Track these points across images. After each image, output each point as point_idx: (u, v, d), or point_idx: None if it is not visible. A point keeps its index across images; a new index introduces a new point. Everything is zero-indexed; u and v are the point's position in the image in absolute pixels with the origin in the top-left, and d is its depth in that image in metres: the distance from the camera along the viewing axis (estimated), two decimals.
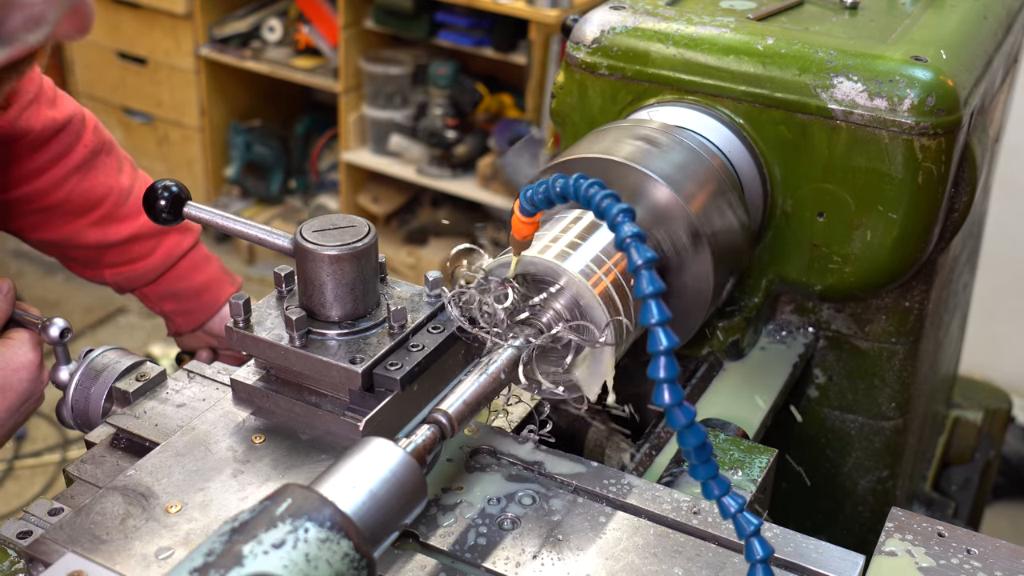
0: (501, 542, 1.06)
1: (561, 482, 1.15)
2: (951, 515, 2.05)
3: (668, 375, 0.89)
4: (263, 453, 1.12)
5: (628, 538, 1.07)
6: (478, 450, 1.19)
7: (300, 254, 1.12)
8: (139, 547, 1.00)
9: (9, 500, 3.79)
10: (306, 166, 5.27)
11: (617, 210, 0.93)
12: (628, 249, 0.91)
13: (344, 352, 1.11)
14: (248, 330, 1.14)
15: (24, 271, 5.07)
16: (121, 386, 1.27)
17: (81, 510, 1.04)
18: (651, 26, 1.46)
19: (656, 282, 0.89)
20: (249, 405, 1.19)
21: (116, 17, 5.07)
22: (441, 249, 4.82)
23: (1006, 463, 3.72)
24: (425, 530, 1.07)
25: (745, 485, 1.20)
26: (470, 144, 4.56)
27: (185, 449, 1.13)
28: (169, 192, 1.20)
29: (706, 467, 0.93)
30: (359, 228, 1.14)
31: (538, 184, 1.03)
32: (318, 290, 1.12)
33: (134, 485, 1.07)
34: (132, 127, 5.34)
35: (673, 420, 0.91)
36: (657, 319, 0.89)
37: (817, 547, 1.06)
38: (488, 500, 1.12)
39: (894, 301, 1.52)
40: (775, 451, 1.25)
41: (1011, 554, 1.07)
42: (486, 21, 4.34)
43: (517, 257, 1.18)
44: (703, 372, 1.47)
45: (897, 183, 1.36)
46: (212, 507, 1.05)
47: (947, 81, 1.33)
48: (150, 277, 1.74)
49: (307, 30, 4.82)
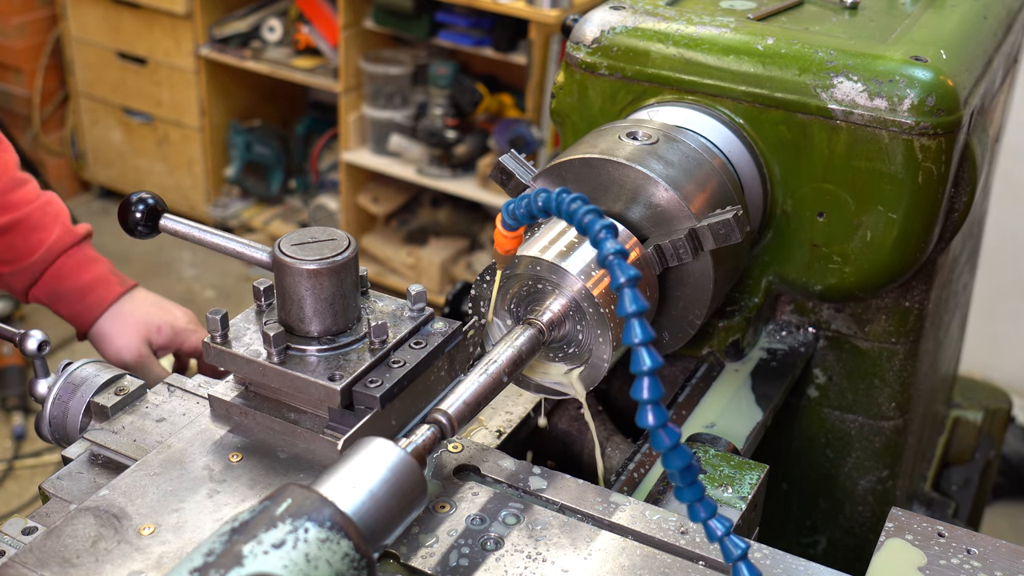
0: (484, 563, 1.03)
1: (546, 500, 1.13)
2: (951, 515, 2.05)
3: (652, 396, 0.86)
4: (240, 472, 1.09)
5: (614, 559, 1.04)
6: (462, 467, 1.17)
7: (278, 268, 1.09)
8: (110, 571, 0.97)
9: (9, 500, 3.79)
10: (306, 166, 5.27)
11: (599, 226, 0.91)
12: (611, 267, 0.88)
13: (323, 369, 1.08)
14: (225, 345, 1.11)
15: None
16: (99, 400, 1.23)
17: (52, 532, 1.01)
18: (651, 26, 1.46)
19: (639, 300, 0.87)
20: (227, 422, 1.16)
21: (116, 17, 5.07)
22: (441, 249, 4.82)
23: (1006, 463, 3.71)
24: (407, 551, 1.04)
25: (735, 502, 1.18)
26: (470, 144, 4.56)
27: (160, 468, 1.10)
28: (144, 204, 1.17)
29: (691, 489, 0.91)
30: (339, 242, 1.11)
31: (520, 198, 1.01)
32: (297, 305, 1.10)
33: (107, 506, 1.04)
34: (132, 127, 5.34)
35: (658, 442, 0.88)
36: (640, 339, 0.86)
37: (808, 569, 1.04)
38: (471, 519, 1.08)
39: (894, 301, 1.52)
40: (766, 467, 1.23)
41: (1011, 554, 1.07)
42: (486, 21, 4.34)
43: (500, 271, 1.18)
44: (703, 372, 1.47)
45: (897, 183, 1.36)
46: (186, 529, 1.02)
47: (947, 81, 1.33)
48: (34, 273, 1.66)
49: (307, 30, 4.82)
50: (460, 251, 4.84)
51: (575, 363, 1.21)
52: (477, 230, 4.88)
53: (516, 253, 1.16)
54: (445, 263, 4.75)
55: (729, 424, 1.37)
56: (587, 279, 1.17)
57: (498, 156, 1.33)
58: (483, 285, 1.24)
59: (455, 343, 1.17)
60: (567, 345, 1.21)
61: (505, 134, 4.39)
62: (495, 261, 1.16)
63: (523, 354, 1.13)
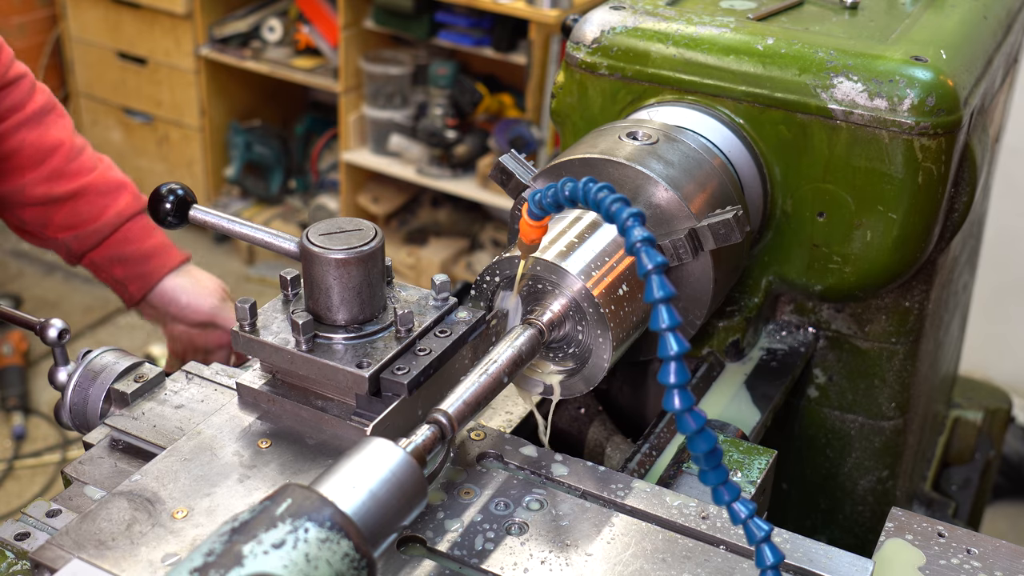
0: (509, 547, 1.06)
1: (568, 487, 1.15)
2: (951, 515, 2.05)
3: (679, 380, 0.89)
4: (269, 458, 1.12)
5: (637, 543, 1.07)
6: (485, 454, 1.19)
7: (306, 258, 1.12)
8: (145, 553, 0.99)
9: (9, 500, 3.79)
10: (306, 166, 5.27)
11: (627, 214, 0.93)
12: (638, 254, 0.90)
13: (351, 356, 1.10)
14: (254, 334, 1.13)
15: (24, 271, 5.07)
16: (119, 387, 1.26)
17: (87, 515, 1.03)
18: (651, 26, 1.46)
19: (666, 287, 0.89)
20: (255, 409, 1.18)
21: (116, 17, 5.07)
22: (441, 249, 4.82)
23: (1006, 463, 3.72)
24: (432, 535, 1.07)
25: (744, 487, 1.19)
26: (470, 144, 4.56)
27: (191, 454, 1.12)
28: (175, 195, 1.20)
29: (716, 472, 0.93)
30: (366, 231, 1.13)
31: (547, 188, 1.02)
32: (324, 294, 1.12)
33: (140, 490, 1.07)
34: (132, 127, 5.34)
35: (683, 426, 0.90)
36: (668, 324, 0.89)
37: (827, 552, 1.06)
38: (495, 504, 1.11)
39: (894, 301, 1.52)
40: (774, 452, 1.25)
41: (1011, 554, 1.07)
42: (486, 21, 4.35)
43: (524, 260, 1.18)
44: (703, 372, 1.47)
45: (897, 183, 1.36)
46: (219, 512, 1.04)
47: (947, 81, 1.33)
48: (98, 237, 1.76)
49: (307, 30, 4.82)
50: (460, 251, 4.85)
51: (575, 363, 1.21)
52: (477, 230, 4.88)
53: (540, 243, 1.17)
54: (445, 263, 4.75)
55: (731, 420, 1.37)
56: (587, 279, 1.17)
57: (498, 156, 1.33)
58: (483, 285, 1.24)
59: (479, 332, 1.19)
60: (567, 345, 1.21)
61: (505, 134, 4.40)
62: (519, 251, 1.17)
63: (523, 354, 1.13)
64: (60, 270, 5.06)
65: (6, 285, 4.93)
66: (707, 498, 1.15)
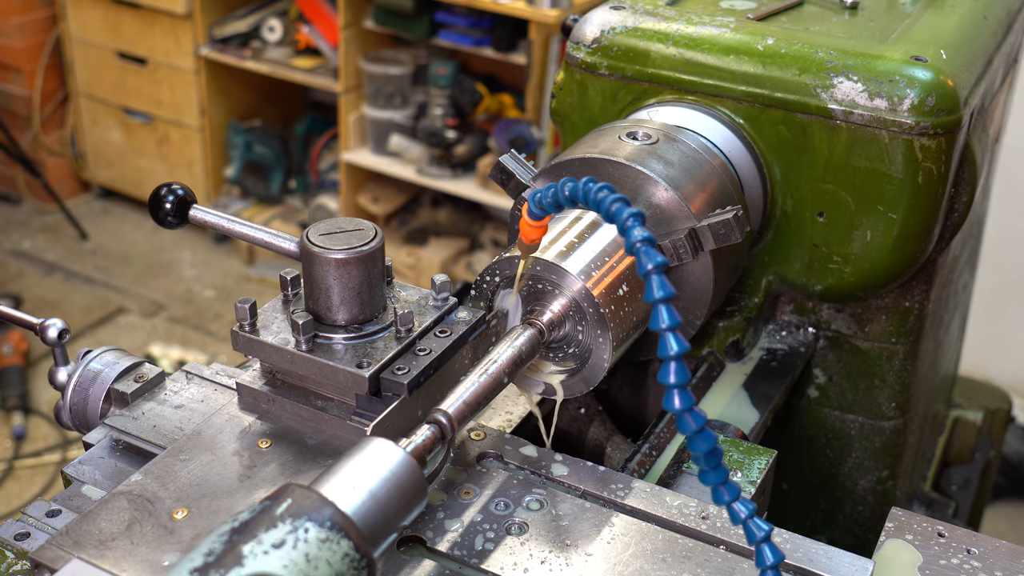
0: (509, 547, 1.06)
1: (568, 487, 1.15)
2: (951, 515, 2.05)
3: (679, 380, 0.89)
4: (270, 458, 1.12)
5: (637, 543, 1.07)
6: (485, 454, 1.19)
7: (306, 257, 1.12)
8: (145, 553, 0.99)
9: (9, 500, 3.79)
10: (306, 166, 5.27)
11: (627, 214, 0.93)
12: (638, 254, 0.90)
13: (351, 356, 1.11)
14: (254, 334, 1.13)
15: (24, 271, 5.07)
16: (119, 387, 1.27)
17: (86, 515, 1.03)
18: (651, 26, 1.46)
19: (666, 287, 0.89)
20: (255, 409, 1.19)
21: (116, 17, 5.07)
22: (441, 249, 4.82)
23: (1006, 463, 3.72)
24: (432, 535, 1.07)
25: (744, 487, 1.19)
26: (470, 144, 4.56)
27: (191, 454, 1.13)
28: (175, 195, 1.20)
29: (716, 472, 0.93)
30: (366, 231, 1.13)
31: (547, 188, 1.02)
32: (324, 294, 1.12)
33: (140, 490, 1.07)
34: (132, 127, 5.34)
35: (683, 426, 0.90)
36: (668, 324, 0.89)
37: (827, 552, 1.06)
38: (495, 504, 1.11)
39: (894, 301, 1.52)
40: (774, 452, 1.25)
41: (1011, 554, 1.07)
42: (486, 21, 4.34)
43: (524, 260, 1.18)
44: (703, 372, 1.47)
45: (897, 183, 1.36)
46: (219, 513, 1.04)
47: (947, 81, 1.33)
48: None
49: (307, 30, 4.82)
50: (460, 251, 4.84)
51: (575, 363, 1.21)
52: (477, 230, 4.88)
53: (540, 243, 1.17)
54: (445, 263, 4.75)
55: (731, 420, 1.37)
56: (587, 279, 1.17)
57: (498, 156, 1.33)
58: (483, 285, 1.24)
59: (479, 332, 1.19)
60: (567, 345, 1.21)
61: (505, 134, 4.40)
62: (519, 251, 1.16)
63: (523, 354, 1.13)
64: (60, 270, 5.06)
65: (6, 285, 4.93)
66: (707, 498, 1.15)
